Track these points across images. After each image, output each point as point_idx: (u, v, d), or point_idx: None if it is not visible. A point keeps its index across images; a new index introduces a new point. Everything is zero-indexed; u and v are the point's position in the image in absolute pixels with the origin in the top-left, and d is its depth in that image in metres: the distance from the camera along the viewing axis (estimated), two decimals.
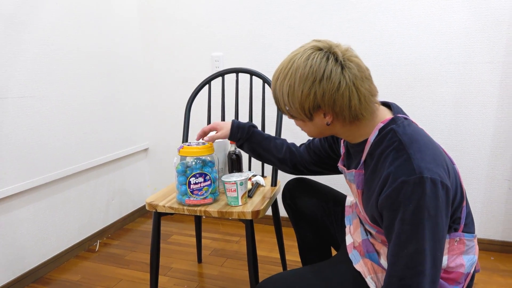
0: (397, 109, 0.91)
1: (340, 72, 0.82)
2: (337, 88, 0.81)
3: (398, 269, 0.78)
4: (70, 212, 1.84)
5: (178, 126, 2.26)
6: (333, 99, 0.82)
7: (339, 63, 0.82)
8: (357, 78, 0.82)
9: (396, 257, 0.78)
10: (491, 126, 1.69)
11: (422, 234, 0.75)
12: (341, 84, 0.81)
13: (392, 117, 0.87)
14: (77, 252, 1.88)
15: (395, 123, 0.85)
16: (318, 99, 0.83)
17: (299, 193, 1.23)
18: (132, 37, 2.17)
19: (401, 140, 0.81)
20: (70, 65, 1.78)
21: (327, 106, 0.83)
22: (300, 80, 0.83)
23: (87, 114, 1.89)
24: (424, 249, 0.75)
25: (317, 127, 0.91)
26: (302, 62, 0.84)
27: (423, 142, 0.81)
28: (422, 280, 0.76)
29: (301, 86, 0.83)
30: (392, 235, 0.80)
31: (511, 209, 1.73)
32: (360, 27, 1.79)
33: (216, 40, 2.06)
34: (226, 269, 1.70)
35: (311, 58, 0.83)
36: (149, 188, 2.42)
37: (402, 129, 0.84)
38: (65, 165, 1.78)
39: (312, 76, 0.82)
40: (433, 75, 1.73)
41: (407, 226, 0.76)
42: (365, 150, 0.89)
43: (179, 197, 1.25)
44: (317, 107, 0.84)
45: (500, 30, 1.60)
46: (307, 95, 0.83)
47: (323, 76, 0.82)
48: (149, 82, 2.27)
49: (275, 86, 0.90)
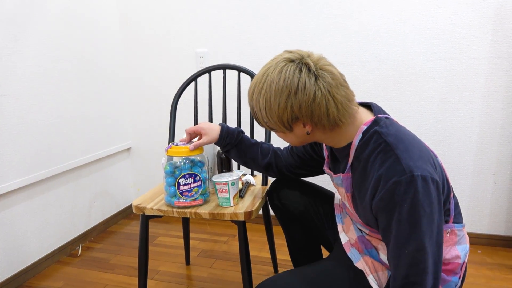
0: (378, 109, 0.91)
1: (314, 82, 0.82)
2: (313, 99, 0.81)
3: (401, 269, 0.79)
4: (50, 216, 1.76)
5: (161, 124, 2.19)
6: (310, 109, 0.82)
7: (312, 74, 0.82)
8: (331, 86, 0.82)
9: (397, 258, 0.79)
10: (477, 122, 1.70)
11: (420, 232, 0.76)
12: (317, 94, 0.81)
13: (374, 118, 0.87)
14: (58, 258, 1.80)
15: (377, 124, 0.86)
16: (295, 111, 0.83)
17: (286, 193, 1.22)
18: (111, 32, 2.09)
19: (386, 141, 0.81)
20: (45, 62, 1.69)
21: (305, 117, 0.84)
22: (275, 94, 0.83)
23: (65, 113, 1.81)
24: (424, 246, 0.76)
25: (298, 137, 0.91)
26: (275, 76, 0.84)
27: (408, 141, 0.82)
28: (425, 277, 0.77)
29: (277, 99, 0.83)
30: (390, 236, 0.80)
31: (497, 202, 1.75)
32: (347, 22, 1.78)
33: (200, 36, 2.00)
34: (216, 271, 1.66)
35: (284, 71, 0.83)
36: (132, 188, 2.35)
37: (386, 130, 0.84)
38: (44, 167, 1.70)
39: (287, 89, 0.82)
40: (420, 71, 1.73)
41: (404, 225, 0.77)
42: (350, 154, 0.89)
43: (168, 199, 1.20)
44: (295, 118, 0.85)
45: (486, 25, 1.61)
46: (284, 108, 0.84)
47: (298, 88, 0.82)
48: (129, 79, 2.19)
49: (251, 101, 0.90)
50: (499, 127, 1.68)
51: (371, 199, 0.82)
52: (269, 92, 0.84)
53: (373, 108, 0.91)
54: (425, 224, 0.75)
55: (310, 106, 0.82)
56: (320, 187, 1.25)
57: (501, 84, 1.65)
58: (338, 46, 1.81)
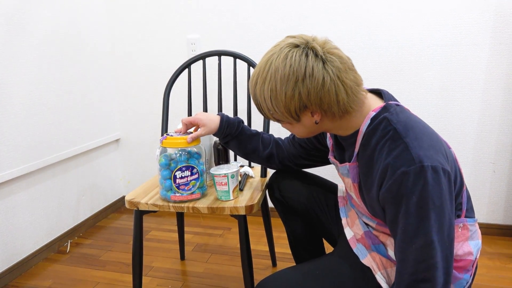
0: (388, 96, 0.87)
1: (322, 67, 0.76)
2: (322, 85, 0.76)
3: (409, 265, 0.74)
4: (36, 212, 1.67)
5: (150, 114, 2.11)
6: (319, 96, 0.77)
7: (319, 58, 0.77)
8: (340, 70, 0.77)
9: (404, 253, 0.75)
10: (477, 110, 1.67)
11: (429, 226, 0.71)
12: (325, 80, 0.76)
13: (384, 104, 0.83)
14: (46, 255, 1.72)
15: (387, 111, 0.81)
16: (303, 99, 0.78)
17: (287, 185, 1.16)
18: (97, 16, 1.98)
19: (396, 129, 0.77)
20: (26, 48, 1.59)
21: (314, 105, 0.78)
22: (281, 82, 0.78)
23: (50, 103, 1.71)
24: (432, 241, 0.71)
25: (306, 127, 0.85)
26: (280, 63, 0.78)
27: (418, 129, 0.78)
28: (435, 273, 0.72)
29: (283, 88, 0.78)
30: (397, 230, 0.76)
31: (495, 191, 1.74)
32: (346, 8, 1.71)
33: (192, 20, 1.91)
34: (212, 265, 1.61)
35: (289, 57, 0.77)
36: (122, 181, 2.27)
37: (396, 117, 0.79)
38: (29, 160, 1.60)
39: (294, 76, 0.77)
40: (420, 57, 1.68)
41: (412, 219, 0.72)
42: (357, 141, 0.84)
43: (163, 192, 1.13)
44: (304, 107, 0.79)
45: (487, 11, 1.57)
46: (292, 97, 0.78)
47: (305, 74, 0.76)
48: (116, 67, 2.09)
49: (254, 91, 0.84)
50: (499, 116, 1.66)
51: (378, 189, 0.78)
52: (274, 80, 0.78)
53: (384, 94, 0.86)
54: (434, 217, 0.71)
55: (319, 92, 0.77)
56: (322, 179, 1.20)
57: (502, 72, 1.61)
58: (337, 32, 1.75)
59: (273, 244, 1.54)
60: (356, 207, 0.98)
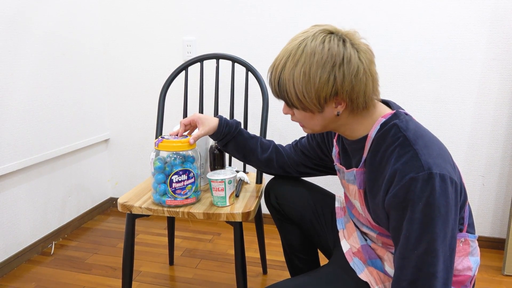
0: (396, 106, 0.87)
1: (357, 56, 0.77)
2: (356, 73, 0.76)
3: (408, 272, 0.73)
4: (20, 211, 1.62)
5: (142, 116, 2.07)
6: (352, 84, 0.77)
7: (354, 47, 0.77)
8: (371, 62, 0.79)
9: (405, 259, 0.73)
10: (468, 123, 1.70)
11: (433, 234, 0.71)
12: (359, 69, 0.77)
13: (394, 111, 0.83)
14: (29, 256, 1.66)
15: (397, 118, 0.81)
16: (337, 85, 0.76)
17: (284, 193, 1.15)
18: (91, 16, 1.94)
19: (405, 136, 0.77)
20: (16, 43, 1.54)
21: (345, 92, 0.77)
22: (317, 65, 0.76)
23: (39, 100, 1.66)
24: (435, 249, 0.71)
25: (325, 119, 0.83)
26: (317, 46, 0.76)
27: (428, 138, 0.78)
28: (434, 283, 0.71)
29: (319, 71, 0.76)
30: (400, 236, 0.75)
31: (484, 204, 1.76)
32: (343, 17, 1.72)
33: (188, 22, 1.89)
34: (201, 271, 1.58)
35: (326, 41, 0.76)
36: (109, 182, 2.22)
37: (406, 124, 0.79)
38: (14, 158, 1.55)
39: (332, 60, 0.75)
40: (415, 69, 1.70)
41: (416, 225, 0.71)
42: (366, 147, 0.84)
43: (157, 197, 1.11)
44: (335, 94, 0.78)
45: (482, 26, 1.60)
46: (326, 81, 0.76)
47: (343, 60, 0.75)
48: (108, 66, 2.05)
49: (280, 75, 0.80)
50: (490, 129, 1.68)
51: (384, 194, 0.77)
52: (309, 63, 0.76)
53: (391, 104, 0.87)
54: (439, 226, 0.70)
55: (352, 80, 0.76)
56: (320, 188, 1.19)
57: (495, 86, 1.64)
58: None
59: (264, 252, 1.53)
60: (356, 217, 0.97)
